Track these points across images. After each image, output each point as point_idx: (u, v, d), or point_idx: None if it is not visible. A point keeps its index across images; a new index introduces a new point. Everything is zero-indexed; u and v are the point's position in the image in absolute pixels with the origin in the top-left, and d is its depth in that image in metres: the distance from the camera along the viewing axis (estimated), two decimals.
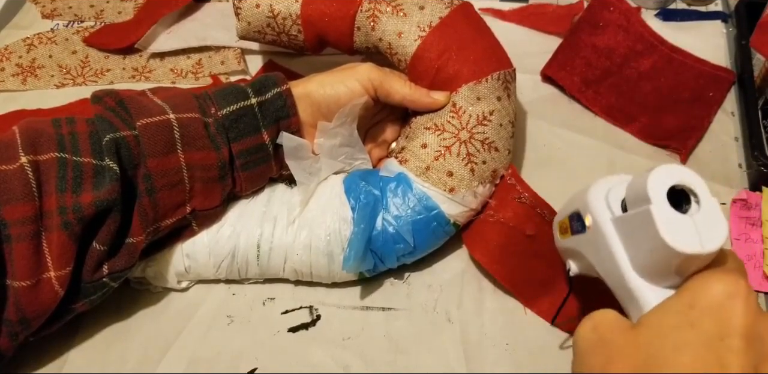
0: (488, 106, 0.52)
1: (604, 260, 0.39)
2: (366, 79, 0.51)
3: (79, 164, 0.44)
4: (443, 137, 0.51)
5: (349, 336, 0.51)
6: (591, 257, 0.41)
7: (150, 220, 0.46)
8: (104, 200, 0.43)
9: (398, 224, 0.50)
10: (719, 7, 0.74)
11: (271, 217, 0.51)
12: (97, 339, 0.51)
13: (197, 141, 0.47)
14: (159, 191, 0.46)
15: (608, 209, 0.39)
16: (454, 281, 0.54)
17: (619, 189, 0.40)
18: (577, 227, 0.43)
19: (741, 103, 0.64)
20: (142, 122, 0.46)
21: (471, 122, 0.51)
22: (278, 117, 0.50)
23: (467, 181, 0.51)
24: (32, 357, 0.50)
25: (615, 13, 0.67)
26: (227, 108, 0.48)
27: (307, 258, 0.50)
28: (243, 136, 0.49)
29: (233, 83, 0.51)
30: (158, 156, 0.46)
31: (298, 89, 0.51)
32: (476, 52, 0.53)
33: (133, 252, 0.46)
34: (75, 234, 0.43)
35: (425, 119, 0.53)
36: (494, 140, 0.52)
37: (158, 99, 0.48)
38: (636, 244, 0.37)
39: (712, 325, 0.31)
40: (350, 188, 0.51)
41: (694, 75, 0.66)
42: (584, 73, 0.66)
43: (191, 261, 0.51)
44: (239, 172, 0.50)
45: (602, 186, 0.41)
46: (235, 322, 0.52)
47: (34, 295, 0.42)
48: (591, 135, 0.64)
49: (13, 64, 0.70)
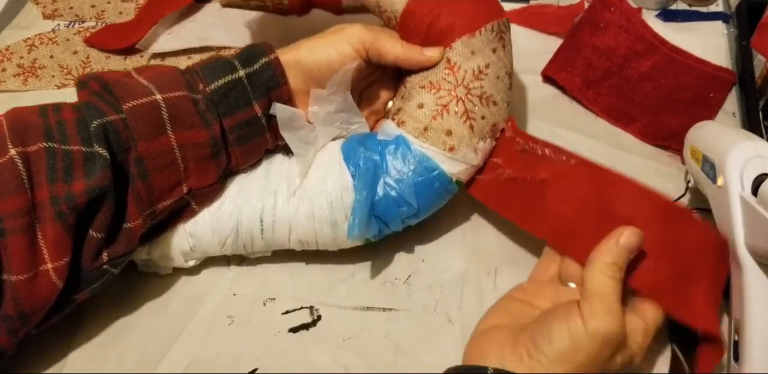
0: (483, 59, 0.51)
1: (722, 222, 0.45)
2: (356, 41, 0.50)
3: (68, 153, 0.43)
4: (440, 96, 0.50)
5: (350, 337, 0.51)
6: (711, 205, 0.47)
7: (145, 203, 0.46)
8: (96, 188, 0.42)
9: (400, 188, 0.49)
10: (720, 8, 0.74)
11: (271, 190, 0.50)
12: (98, 340, 0.51)
13: (187, 120, 0.46)
14: (152, 173, 0.46)
15: (741, 182, 0.42)
16: (455, 281, 0.54)
17: (757, 163, 0.43)
18: (708, 170, 0.47)
19: (742, 104, 0.64)
20: (129, 104, 0.45)
21: (467, 78, 0.50)
22: (269, 88, 0.49)
23: (467, 138, 0.50)
24: (33, 357, 0.50)
25: (616, 14, 0.67)
26: (215, 83, 0.47)
27: (311, 228, 0.50)
28: (234, 110, 0.48)
29: (220, 56, 0.50)
30: (148, 138, 0.45)
31: (288, 57, 0.49)
32: (467, 3, 0.52)
33: (132, 237, 0.46)
34: (69, 224, 0.42)
35: (420, 77, 0.52)
36: (492, 93, 0.51)
37: (144, 79, 0.47)
38: (756, 230, 0.41)
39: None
40: (349, 155, 0.51)
41: (695, 76, 0.65)
42: (585, 73, 0.66)
43: (195, 240, 0.51)
44: (233, 147, 0.49)
45: (744, 153, 0.44)
46: (236, 322, 0.52)
47: (32, 288, 0.42)
48: (591, 136, 0.64)
49: (15, 64, 0.70)
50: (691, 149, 0.51)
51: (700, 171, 0.49)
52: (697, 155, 0.50)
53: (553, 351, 0.40)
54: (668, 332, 0.51)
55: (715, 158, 0.46)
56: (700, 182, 0.50)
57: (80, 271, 0.45)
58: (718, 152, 0.46)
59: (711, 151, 0.48)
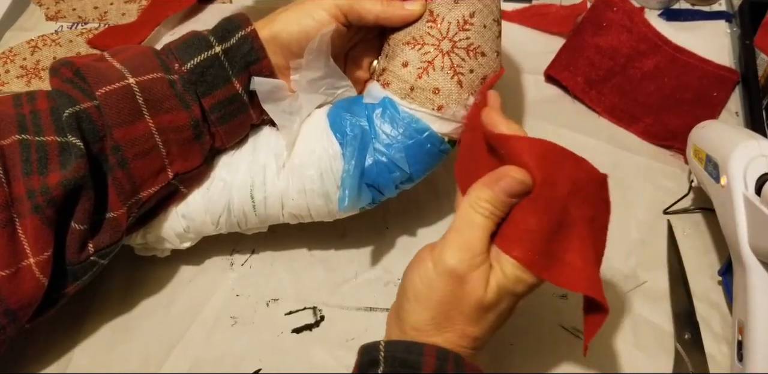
0: (468, 8, 0.48)
1: (725, 222, 0.45)
2: (332, 6, 0.47)
3: (42, 144, 0.42)
4: (424, 52, 0.48)
5: (353, 337, 0.51)
6: (715, 204, 0.47)
7: (128, 192, 0.45)
8: (72, 179, 0.41)
9: (390, 153, 0.48)
10: (723, 7, 0.74)
11: (259, 165, 0.49)
12: (101, 340, 0.51)
13: (164, 103, 0.44)
14: (131, 161, 0.44)
15: (744, 182, 0.42)
16: None
17: (761, 162, 0.43)
18: (711, 170, 0.47)
19: (745, 103, 0.64)
20: (102, 90, 0.43)
21: (451, 30, 0.47)
22: (247, 62, 0.47)
23: (456, 95, 0.48)
24: (36, 357, 0.50)
25: (618, 14, 0.67)
26: (191, 61, 0.45)
27: (303, 202, 0.49)
28: (213, 89, 0.46)
29: (195, 32, 0.47)
30: (124, 125, 0.43)
31: (264, 32, 0.47)
32: None
33: (117, 227, 0.45)
34: (48, 217, 0.41)
35: (403, 33, 0.49)
36: (479, 44, 0.48)
37: (117, 62, 0.45)
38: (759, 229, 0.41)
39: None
40: (335, 122, 0.49)
41: (698, 75, 0.65)
42: (588, 73, 0.65)
43: (188, 221, 0.50)
44: (216, 127, 0.47)
45: (747, 152, 0.44)
46: (239, 323, 0.52)
47: (15, 285, 0.41)
48: (594, 136, 0.63)
49: (18, 66, 0.71)
50: (694, 148, 0.51)
51: (704, 171, 0.49)
52: (700, 155, 0.50)
53: (409, 300, 0.39)
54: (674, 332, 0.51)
55: (718, 158, 0.46)
56: (704, 182, 0.50)
57: (67, 264, 0.44)
58: (722, 151, 0.46)
59: (714, 150, 0.47)
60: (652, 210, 0.58)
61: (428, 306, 0.39)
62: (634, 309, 0.52)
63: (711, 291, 0.53)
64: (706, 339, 0.50)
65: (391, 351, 0.38)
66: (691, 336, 0.50)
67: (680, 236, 0.56)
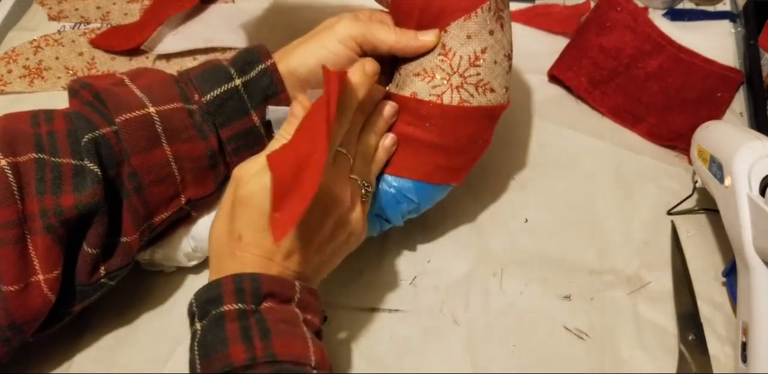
0: (480, 43, 0.48)
1: (729, 223, 0.46)
2: (347, 38, 0.47)
3: (57, 165, 0.43)
4: (434, 85, 0.48)
5: (356, 338, 0.51)
6: (719, 205, 0.47)
7: (142, 217, 0.45)
8: (87, 204, 0.42)
9: (398, 185, 0.49)
10: (727, 7, 0.74)
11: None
12: (103, 342, 0.51)
13: (182, 133, 0.45)
14: (147, 187, 0.45)
15: (748, 183, 0.42)
16: (461, 283, 0.54)
17: (765, 163, 0.43)
18: (715, 170, 0.47)
19: (749, 103, 0.64)
20: (122, 118, 0.44)
21: (462, 65, 0.48)
22: (266, 96, 0.47)
23: None
24: (39, 359, 0.50)
25: (622, 14, 0.66)
26: (211, 93, 0.46)
27: None
28: (231, 121, 0.47)
29: (215, 61, 0.48)
30: (142, 153, 0.44)
31: (281, 66, 0.48)
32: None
33: (129, 251, 0.46)
34: (59, 237, 0.42)
35: (414, 64, 0.49)
36: (489, 80, 0.48)
37: (137, 88, 0.46)
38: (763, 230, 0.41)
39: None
40: None
41: (702, 75, 0.65)
42: (591, 73, 0.65)
43: (197, 242, 0.50)
44: (231, 157, 0.48)
45: (752, 153, 0.44)
46: None
47: (23, 299, 0.41)
48: (598, 136, 0.63)
49: (20, 66, 0.71)
50: (699, 149, 0.51)
51: (708, 171, 0.49)
52: (704, 155, 0.49)
53: (216, 229, 0.42)
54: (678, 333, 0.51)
55: (722, 158, 0.46)
56: (708, 183, 0.49)
57: (77, 285, 0.45)
58: (726, 152, 0.46)
59: (718, 151, 0.47)
60: (656, 211, 0.58)
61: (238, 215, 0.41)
62: (637, 310, 0.52)
63: (715, 292, 0.53)
64: (710, 340, 0.50)
65: (197, 297, 0.40)
66: (694, 337, 0.50)
67: (684, 237, 0.56)
